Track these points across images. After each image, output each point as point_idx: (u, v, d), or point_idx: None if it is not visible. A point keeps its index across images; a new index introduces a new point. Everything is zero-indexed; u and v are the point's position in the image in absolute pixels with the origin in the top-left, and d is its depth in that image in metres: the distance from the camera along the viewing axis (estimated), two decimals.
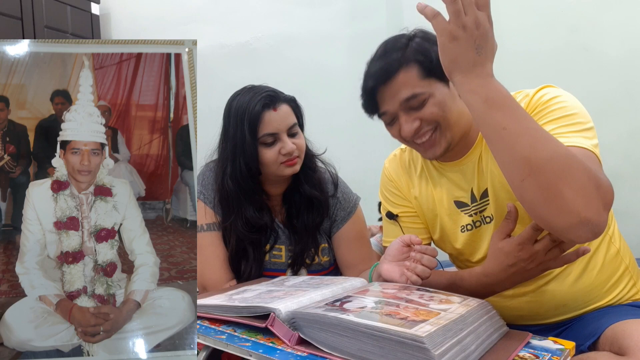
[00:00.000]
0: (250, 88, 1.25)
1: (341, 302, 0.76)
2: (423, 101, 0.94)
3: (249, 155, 1.20)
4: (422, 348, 0.60)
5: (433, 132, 0.96)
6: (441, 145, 0.97)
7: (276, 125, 1.20)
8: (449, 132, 0.96)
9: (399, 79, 0.94)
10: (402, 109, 0.96)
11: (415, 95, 0.93)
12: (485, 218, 1.01)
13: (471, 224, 1.03)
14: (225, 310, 0.81)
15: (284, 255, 1.30)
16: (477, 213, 1.02)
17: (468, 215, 1.04)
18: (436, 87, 0.94)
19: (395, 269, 0.93)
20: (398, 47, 0.95)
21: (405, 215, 1.12)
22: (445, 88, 0.94)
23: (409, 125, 0.95)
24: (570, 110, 0.89)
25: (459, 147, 1.01)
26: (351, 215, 1.33)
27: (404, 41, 0.97)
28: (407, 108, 0.95)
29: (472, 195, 1.03)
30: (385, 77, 0.95)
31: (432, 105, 0.94)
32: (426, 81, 0.93)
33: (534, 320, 1.03)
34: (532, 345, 0.75)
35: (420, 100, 0.94)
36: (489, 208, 1.00)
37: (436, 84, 0.94)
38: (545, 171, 0.72)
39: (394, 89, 0.94)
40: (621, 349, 0.79)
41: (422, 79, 0.93)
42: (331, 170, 1.36)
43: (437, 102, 0.94)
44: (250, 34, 2.46)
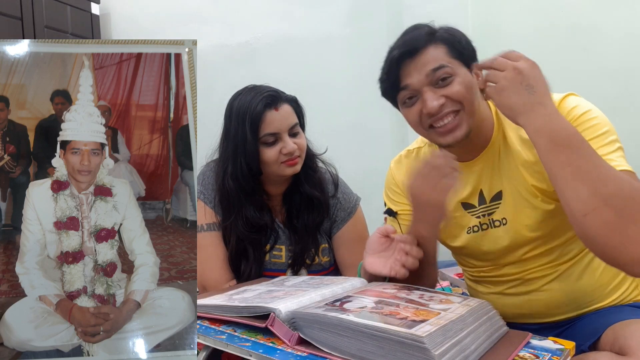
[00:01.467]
0: (252, 88, 1.25)
1: (341, 302, 0.76)
2: (450, 76, 0.92)
3: (250, 154, 1.20)
4: (422, 348, 0.60)
5: (455, 115, 0.93)
6: (462, 129, 0.93)
7: (277, 125, 1.20)
8: (471, 118, 0.94)
9: (428, 52, 0.92)
10: (427, 83, 0.92)
11: (443, 66, 0.91)
12: (494, 222, 1.00)
13: (478, 226, 1.02)
14: (225, 310, 0.81)
15: (284, 255, 1.30)
16: (485, 215, 1.02)
17: (475, 217, 1.03)
18: (462, 70, 0.93)
19: (377, 260, 0.94)
20: (426, 28, 0.95)
21: (404, 214, 1.12)
22: (468, 74, 0.94)
23: (434, 100, 0.91)
24: (603, 128, 0.89)
25: (472, 146, 1.00)
26: (351, 216, 1.33)
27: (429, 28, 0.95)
28: (433, 82, 0.92)
29: (480, 196, 1.02)
30: (413, 49, 0.92)
31: (458, 83, 0.92)
32: (454, 61, 0.93)
33: (535, 319, 1.03)
34: (532, 345, 0.75)
35: (447, 72, 0.91)
36: (500, 211, 0.99)
37: (462, 68, 0.93)
38: (609, 206, 0.73)
39: (422, 61, 0.92)
40: (622, 349, 0.79)
41: (450, 57, 0.92)
42: (331, 170, 1.36)
43: (463, 81, 0.92)
44: (250, 34, 2.45)
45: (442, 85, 0.92)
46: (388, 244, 0.95)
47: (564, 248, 0.98)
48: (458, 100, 0.92)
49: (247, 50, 2.46)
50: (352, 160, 1.96)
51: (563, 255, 0.99)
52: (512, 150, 0.98)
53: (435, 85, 0.92)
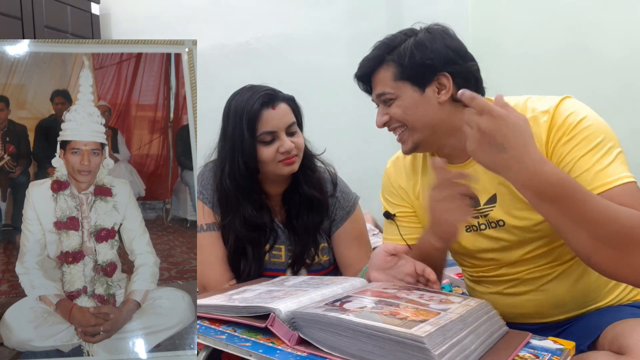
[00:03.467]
0: (250, 87, 1.25)
1: (341, 302, 0.76)
2: (390, 100, 1.00)
3: (247, 153, 1.20)
4: (422, 348, 0.60)
5: (403, 130, 1.01)
6: (407, 144, 1.01)
7: (275, 123, 1.20)
8: (416, 134, 0.99)
9: (377, 75, 1.01)
10: (377, 101, 1.03)
11: (384, 93, 1.00)
12: (490, 223, 1.01)
13: (476, 226, 1.02)
14: (225, 310, 0.81)
15: (284, 255, 1.30)
16: (479, 216, 1.02)
17: (472, 217, 1.02)
18: (406, 90, 0.98)
19: (382, 277, 0.96)
20: (388, 45, 1.00)
21: (402, 215, 1.13)
22: (416, 93, 0.97)
23: (379, 117, 1.03)
24: (598, 137, 0.88)
25: (459, 150, 1.00)
26: (350, 215, 1.33)
27: (399, 39, 1.00)
28: (381, 102, 1.02)
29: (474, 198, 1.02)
30: (366, 71, 1.03)
31: (396, 106, 0.99)
32: (398, 83, 0.98)
33: (534, 319, 1.03)
34: (532, 345, 0.75)
35: (388, 98, 1.00)
36: (496, 213, 0.99)
37: (407, 88, 0.98)
38: (610, 246, 0.76)
39: (375, 82, 1.03)
40: (621, 349, 0.79)
41: (394, 80, 0.98)
42: (330, 170, 1.36)
43: (402, 104, 0.98)
44: (250, 34, 2.45)
45: (387, 105, 1.01)
46: (394, 262, 0.96)
47: (564, 248, 0.98)
48: (397, 120, 1.00)
49: (247, 50, 2.46)
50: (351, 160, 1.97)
51: (562, 255, 0.99)
52: None
53: (382, 104, 1.03)
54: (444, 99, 0.96)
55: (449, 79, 0.96)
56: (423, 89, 0.97)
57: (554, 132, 0.91)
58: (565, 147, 0.89)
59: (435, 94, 0.97)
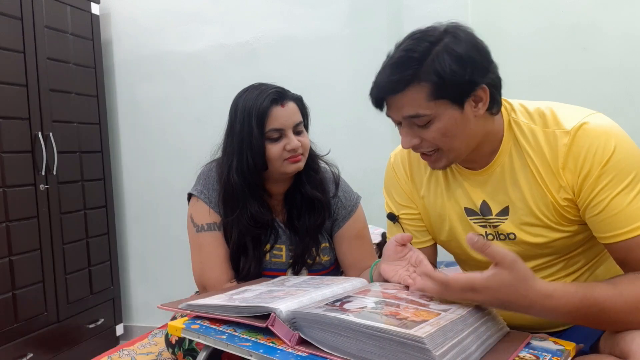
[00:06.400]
0: (258, 85, 1.26)
1: (341, 302, 0.76)
2: (427, 122, 0.87)
3: (255, 149, 1.20)
4: (422, 348, 0.60)
5: (434, 152, 0.92)
6: (440, 163, 0.93)
7: (283, 121, 1.20)
8: (452, 154, 0.91)
9: (406, 94, 0.86)
10: (405, 122, 0.90)
11: (419, 116, 0.87)
12: (499, 234, 0.97)
13: (483, 235, 0.98)
14: (225, 310, 0.81)
15: (285, 255, 1.30)
16: (489, 226, 0.99)
17: (480, 226, 1.00)
18: (445, 109, 0.86)
19: (389, 268, 0.94)
20: (414, 59, 0.85)
21: (406, 218, 1.10)
22: (456, 111, 0.86)
23: (407, 139, 0.90)
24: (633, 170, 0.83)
25: (478, 157, 0.96)
26: (352, 214, 1.33)
27: (425, 47, 0.85)
28: (410, 124, 0.90)
29: (484, 207, 0.98)
30: (392, 91, 0.88)
31: (435, 129, 0.87)
32: (435, 103, 0.85)
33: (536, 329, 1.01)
34: (533, 345, 0.75)
35: (424, 121, 0.87)
36: (507, 226, 0.96)
37: (446, 106, 0.86)
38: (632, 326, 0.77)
39: (400, 102, 0.88)
40: (623, 353, 0.78)
41: (430, 100, 0.85)
42: (334, 170, 1.36)
43: (441, 126, 0.87)
44: (250, 34, 2.45)
45: (420, 127, 0.89)
46: (404, 253, 0.94)
47: (569, 261, 0.97)
48: (434, 144, 0.89)
49: (247, 50, 2.46)
50: (352, 160, 1.96)
51: (567, 267, 0.98)
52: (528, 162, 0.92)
53: (412, 125, 0.89)
54: (481, 112, 0.88)
55: (486, 90, 0.86)
56: (462, 105, 0.86)
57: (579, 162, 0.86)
58: (596, 184, 0.85)
59: (472, 108, 0.87)
